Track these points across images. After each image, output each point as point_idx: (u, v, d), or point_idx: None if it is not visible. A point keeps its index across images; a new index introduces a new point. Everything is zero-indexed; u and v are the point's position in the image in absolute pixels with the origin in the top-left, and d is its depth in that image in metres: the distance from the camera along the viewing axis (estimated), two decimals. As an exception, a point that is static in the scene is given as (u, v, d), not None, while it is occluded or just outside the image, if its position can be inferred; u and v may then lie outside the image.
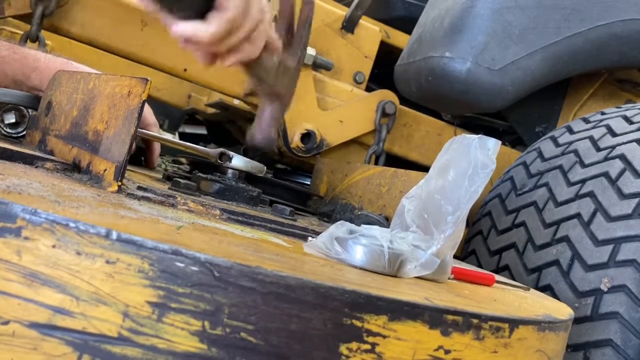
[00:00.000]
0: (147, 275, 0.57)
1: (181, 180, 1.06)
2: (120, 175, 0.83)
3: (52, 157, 0.96)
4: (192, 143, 1.24)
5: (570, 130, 1.56)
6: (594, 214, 1.27)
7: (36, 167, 0.91)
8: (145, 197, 0.87)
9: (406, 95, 1.97)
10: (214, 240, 0.71)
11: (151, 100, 2.68)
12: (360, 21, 1.95)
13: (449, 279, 0.90)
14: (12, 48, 1.30)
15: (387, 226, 1.04)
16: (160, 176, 1.31)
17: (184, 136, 3.93)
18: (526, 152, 1.63)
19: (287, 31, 1.14)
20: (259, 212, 1.05)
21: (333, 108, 1.86)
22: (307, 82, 1.80)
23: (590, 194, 1.30)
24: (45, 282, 0.57)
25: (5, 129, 1.26)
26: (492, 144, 0.86)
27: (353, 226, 0.84)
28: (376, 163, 1.92)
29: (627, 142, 1.35)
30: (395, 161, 2.00)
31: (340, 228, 0.83)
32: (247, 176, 1.24)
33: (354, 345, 0.62)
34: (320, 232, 0.85)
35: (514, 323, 0.73)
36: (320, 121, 1.83)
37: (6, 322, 0.57)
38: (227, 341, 0.58)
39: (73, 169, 0.94)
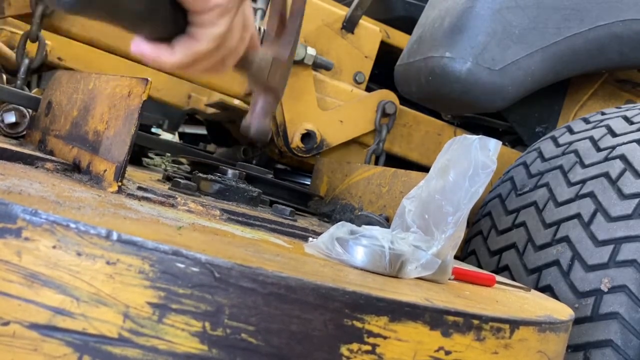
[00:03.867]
0: (148, 276, 0.57)
1: (181, 181, 1.06)
2: (120, 175, 0.83)
3: (52, 158, 0.96)
4: (192, 143, 1.24)
5: (570, 131, 1.55)
6: (594, 214, 1.27)
7: (36, 167, 0.91)
8: (146, 198, 0.87)
9: (406, 95, 1.97)
10: (215, 241, 0.70)
11: (151, 100, 2.68)
12: (361, 21, 1.95)
13: (449, 279, 0.90)
14: None
15: (388, 227, 1.04)
16: (160, 176, 1.31)
17: (184, 136, 3.93)
18: (526, 152, 1.63)
19: (278, 24, 1.13)
20: (259, 213, 1.05)
21: (333, 108, 1.86)
22: (307, 82, 1.80)
23: (591, 194, 1.30)
24: (46, 283, 0.57)
25: (5, 129, 1.26)
26: (493, 145, 0.86)
27: (354, 227, 0.84)
28: (376, 163, 1.92)
29: (627, 143, 1.35)
30: (395, 161, 2.00)
31: (341, 229, 0.82)
32: (247, 176, 1.24)
33: (354, 346, 0.61)
34: (321, 233, 0.85)
35: (515, 324, 0.73)
36: (320, 121, 1.83)
37: (6, 323, 0.57)
38: (227, 342, 0.58)
39: (73, 169, 0.94)
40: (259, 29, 1.62)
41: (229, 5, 0.81)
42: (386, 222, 1.14)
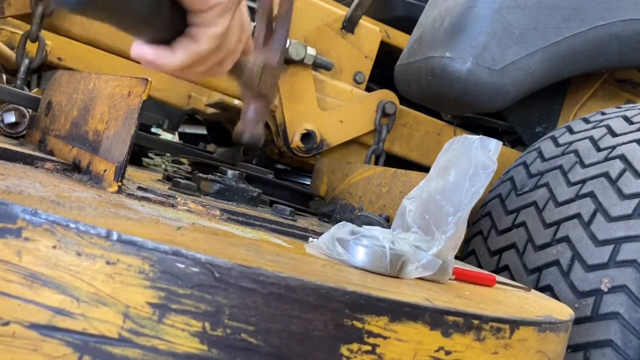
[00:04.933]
0: (148, 276, 0.57)
1: (181, 181, 1.06)
2: (120, 175, 0.83)
3: (52, 158, 0.96)
4: (192, 143, 1.25)
5: (570, 131, 1.55)
6: (594, 214, 1.27)
7: (36, 167, 0.91)
8: (146, 198, 0.87)
9: (406, 95, 1.97)
10: (215, 241, 0.70)
11: (151, 100, 2.68)
12: (361, 21, 1.95)
13: (450, 279, 0.90)
14: None
15: (388, 227, 1.04)
16: (160, 176, 1.30)
17: (184, 136, 3.93)
18: (526, 152, 1.63)
19: (266, 29, 1.13)
20: (259, 213, 1.05)
21: (333, 108, 1.86)
22: (307, 82, 1.80)
23: (591, 194, 1.30)
24: (46, 283, 0.57)
25: (5, 129, 1.26)
26: (493, 145, 0.86)
27: (354, 227, 0.84)
28: (376, 163, 1.92)
29: (627, 143, 1.35)
30: (395, 161, 2.00)
31: (341, 229, 0.82)
32: (247, 176, 1.24)
33: (354, 346, 0.61)
34: (321, 233, 0.85)
35: (515, 324, 0.73)
36: (320, 121, 1.83)
37: (6, 323, 0.57)
38: (227, 342, 0.58)
39: (73, 169, 0.94)
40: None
41: (229, 3, 0.81)
42: (386, 222, 1.14)
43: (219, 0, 0.79)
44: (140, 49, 0.82)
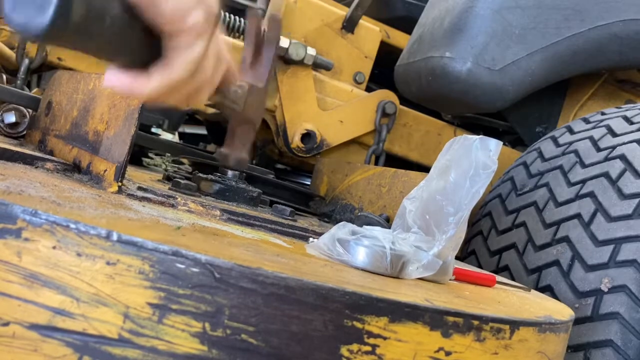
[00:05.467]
0: (148, 276, 0.57)
1: (181, 181, 1.06)
2: (120, 175, 0.83)
3: (52, 158, 0.96)
4: (192, 143, 1.25)
5: (570, 131, 1.55)
6: (594, 214, 1.27)
7: (36, 167, 0.91)
8: (146, 198, 0.87)
9: (406, 95, 1.97)
10: (215, 241, 0.70)
11: (151, 100, 2.67)
12: (361, 21, 1.95)
13: (450, 280, 0.90)
14: None
15: (388, 227, 1.04)
16: (161, 176, 1.30)
17: (184, 136, 3.93)
18: (526, 152, 1.63)
19: (254, 52, 1.12)
20: (259, 213, 1.05)
21: (333, 108, 1.86)
22: (307, 82, 1.80)
23: (591, 194, 1.30)
24: (46, 284, 0.57)
25: (5, 129, 1.26)
26: (494, 145, 0.86)
27: (355, 227, 0.84)
28: (376, 163, 1.92)
29: (627, 143, 1.35)
30: (395, 161, 2.00)
31: (342, 229, 0.82)
32: (247, 176, 1.24)
33: (354, 346, 0.61)
34: (321, 233, 0.85)
35: (515, 324, 0.73)
36: (320, 121, 1.83)
37: (6, 324, 0.57)
38: (227, 342, 0.58)
39: (73, 169, 0.94)
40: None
41: (205, 26, 0.79)
42: (386, 222, 1.14)
43: (194, 23, 0.77)
44: (113, 76, 0.79)
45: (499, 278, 1.04)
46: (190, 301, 0.58)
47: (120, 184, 0.84)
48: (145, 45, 0.77)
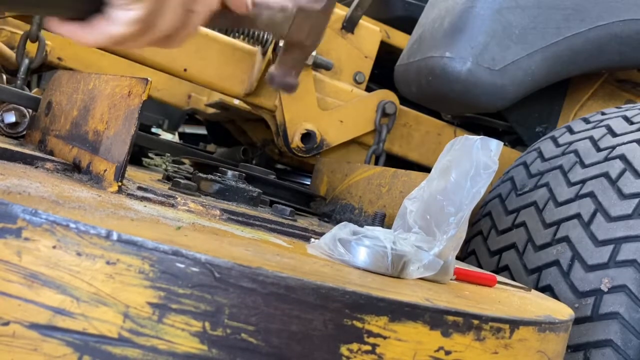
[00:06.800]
0: (148, 276, 0.57)
1: (181, 181, 1.06)
2: (120, 175, 0.83)
3: (52, 158, 0.96)
4: (192, 143, 1.25)
5: (570, 131, 1.55)
6: (594, 214, 1.27)
7: (36, 167, 0.91)
8: (146, 198, 0.87)
9: (406, 95, 1.97)
10: (215, 241, 0.70)
11: (151, 100, 2.68)
12: (361, 21, 1.95)
13: (451, 279, 0.90)
14: None
15: (381, 224, 1.04)
16: (161, 176, 1.31)
17: (184, 136, 3.93)
18: (526, 152, 1.63)
19: None
20: (259, 213, 1.05)
21: (333, 108, 1.86)
22: (307, 82, 1.80)
23: (591, 194, 1.30)
24: (46, 283, 0.57)
25: (5, 129, 1.26)
26: (495, 145, 0.86)
27: (356, 227, 0.84)
28: (376, 163, 1.92)
29: (627, 143, 1.35)
30: (395, 161, 2.00)
31: (343, 229, 0.82)
32: (247, 176, 1.24)
33: (354, 346, 0.61)
34: (321, 233, 0.85)
35: (515, 324, 0.73)
36: (320, 121, 1.83)
37: (6, 323, 0.57)
38: (227, 342, 0.58)
39: (73, 169, 0.94)
40: None
41: None
42: (382, 219, 1.13)
43: None
44: (54, 24, 0.77)
45: (499, 278, 1.04)
46: (190, 301, 0.58)
47: (120, 183, 0.84)
48: (83, 2, 0.75)
